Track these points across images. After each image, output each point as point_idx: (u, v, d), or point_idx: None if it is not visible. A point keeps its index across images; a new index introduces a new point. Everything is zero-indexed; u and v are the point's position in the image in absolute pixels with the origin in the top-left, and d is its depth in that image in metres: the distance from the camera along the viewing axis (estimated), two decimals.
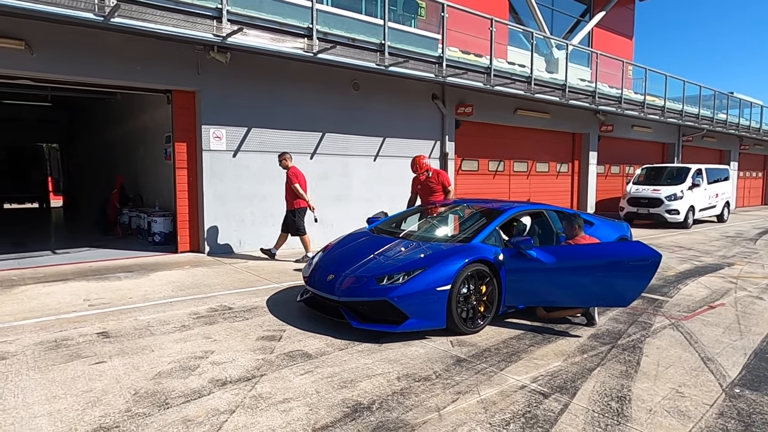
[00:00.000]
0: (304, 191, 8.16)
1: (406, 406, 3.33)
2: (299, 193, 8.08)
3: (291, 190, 8.15)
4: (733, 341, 4.76)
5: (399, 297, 4.50)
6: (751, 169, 26.75)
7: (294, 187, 8.07)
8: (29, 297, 5.88)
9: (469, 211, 6.30)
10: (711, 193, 16.28)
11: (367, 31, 9.53)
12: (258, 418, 3.13)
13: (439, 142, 12.16)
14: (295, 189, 8.07)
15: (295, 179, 8.09)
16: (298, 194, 8.10)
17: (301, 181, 8.16)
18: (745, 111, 23.06)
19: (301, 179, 8.16)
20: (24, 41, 6.97)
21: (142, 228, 10.41)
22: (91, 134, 17.32)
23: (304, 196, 8.13)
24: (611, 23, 19.54)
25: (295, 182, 8.07)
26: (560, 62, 14.98)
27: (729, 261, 9.22)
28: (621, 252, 4.80)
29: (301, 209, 8.20)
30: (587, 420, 3.19)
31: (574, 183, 16.93)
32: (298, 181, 8.10)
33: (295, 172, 8.18)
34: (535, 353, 4.36)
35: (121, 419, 3.09)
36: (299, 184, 8.10)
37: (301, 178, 8.18)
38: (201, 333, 4.71)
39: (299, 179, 8.14)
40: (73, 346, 4.32)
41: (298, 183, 8.09)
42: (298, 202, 8.16)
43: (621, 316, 5.52)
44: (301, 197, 8.12)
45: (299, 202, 8.16)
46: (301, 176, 8.19)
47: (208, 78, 8.59)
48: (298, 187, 8.07)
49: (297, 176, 8.13)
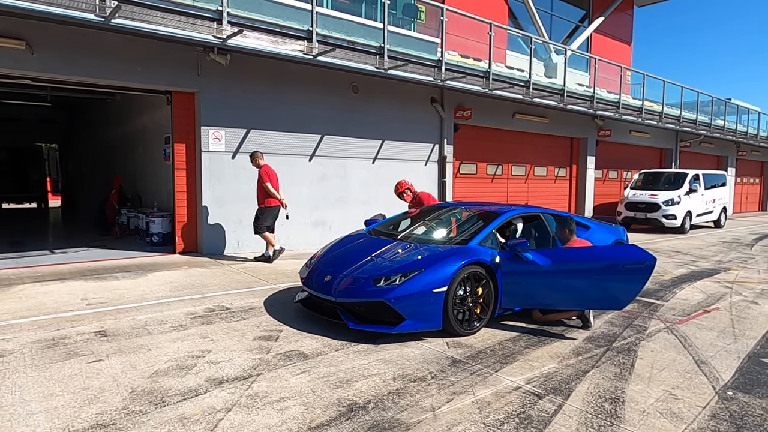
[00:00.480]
0: (276, 190, 8.22)
1: (402, 405, 3.35)
2: (271, 191, 8.13)
3: (263, 189, 8.19)
4: (727, 345, 4.79)
5: (396, 298, 4.52)
6: (748, 175, 26.86)
7: (266, 186, 8.11)
8: (27, 296, 5.89)
9: (466, 213, 6.33)
10: (708, 198, 16.35)
11: (366, 34, 9.58)
12: (254, 416, 3.15)
13: (437, 145, 12.21)
14: (267, 188, 8.12)
15: (267, 178, 8.14)
16: (269, 193, 8.14)
17: (273, 180, 8.21)
18: (743, 117, 23.17)
19: (273, 178, 8.22)
20: (25, 41, 7.00)
21: (141, 228, 10.42)
22: (90, 135, 17.34)
23: (276, 194, 8.18)
24: (610, 29, 19.64)
25: (267, 181, 8.12)
26: (559, 67, 15.05)
27: (725, 266, 9.27)
28: (616, 255, 4.83)
29: (272, 207, 8.23)
30: (581, 421, 3.22)
31: (572, 187, 16.98)
32: (270, 180, 8.15)
33: (267, 170, 8.22)
34: (530, 355, 4.39)
35: (118, 416, 3.11)
36: (271, 182, 8.14)
37: (273, 177, 8.24)
38: (198, 333, 4.73)
39: (271, 178, 8.19)
40: (70, 344, 4.34)
41: (270, 182, 8.13)
42: (269, 201, 8.20)
43: (616, 320, 5.55)
44: (273, 196, 8.17)
45: (270, 201, 8.20)
46: (273, 175, 8.25)
47: (208, 79, 8.63)
48: (269, 186, 8.11)
49: (269, 175, 8.19)
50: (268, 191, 8.12)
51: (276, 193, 8.18)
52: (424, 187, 11.94)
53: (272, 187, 8.13)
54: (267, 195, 8.17)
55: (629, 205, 15.57)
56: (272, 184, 8.15)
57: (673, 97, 18.27)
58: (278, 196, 8.21)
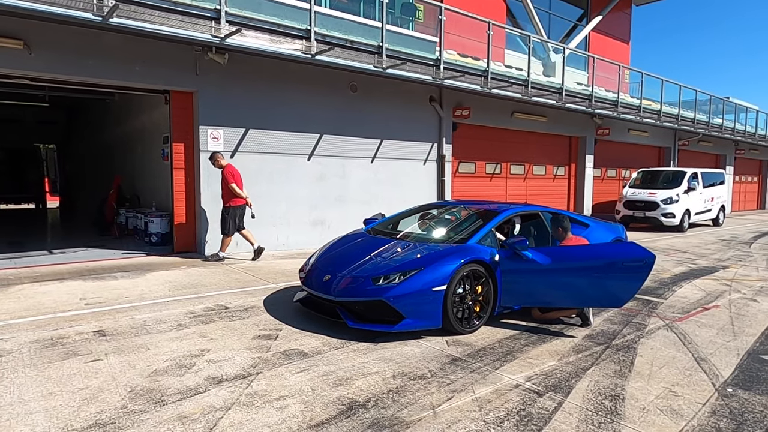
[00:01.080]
0: (241, 189, 8.23)
1: (401, 404, 3.35)
2: (235, 191, 8.13)
3: (228, 189, 8.19)
4: (727, 342, 4.80)
5: (395, 297, 4.52)
6: (747, 174, 26.89)
7: (231, 186, 8.11)
8: (25, 296, 5.87)
9: (465, 212, 6.33)
10: (707, 196, 16.37)
11: (365, 33, 9.57)
12: (253, 415, 3.15)
13: (436, 144, 12.20)
14: (232, 188, 8.12)
15: (231, 178, 8.14)
16: (234, 193, 8.14)
17: (238, 180, 8.22)
18: (741, 116, 23.19)
19: (237, 177, 8.22)
20: (23, 41, 6.98)
21: (139, 228, 10.41)
22: (89, 135, 17.31)
23: (240, 194, 8.19)
24: (608, 27, 19.65)
25: (232, 181, 8.12)
26: (557, 66, 15.06)
27: (724, 264, 9.28)
28: (615, 253, 4.83)
29: (236, 207, 8.23)
30: (581, 418, 3.22)
31: (570, 186, 16.99)
32: (235, 180, 8.15)
33: (231, 170, 8.23)
34: (530, 353, 4.39)
35: (117, 416, 3.10)
36: (236, 183, 8.15)
37: (237, 177, 8.25)
38: (197, 332, 4.72)
39: (236, 178, 8.19)
40: (69, 344, 4.33)
41: (234, 182, 8.13)
42: (234, 201, 8.20)
43: (616, 317, 5.55)
44: (238, 195, 8.18)
45: (236, 201, 8.21)
46: (237, 174, 8.26)
47: (206, 79, 8.61)
48: (234, 187, 8.12)
49: (233, 175, 8.19)
50: (233, 191, 8.13)
51: (241, 192, 8.19)
52: (423, 186, 12.01)
53: (237, 187, 8.15)
54: (232, 195, 8.18)
55: (628, 203, 15.58)
56: (237, 183, 8.17)
57: (672, 96, 18.31)
58: (243, 195, 8.23)
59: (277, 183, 9.62)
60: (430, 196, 12.08)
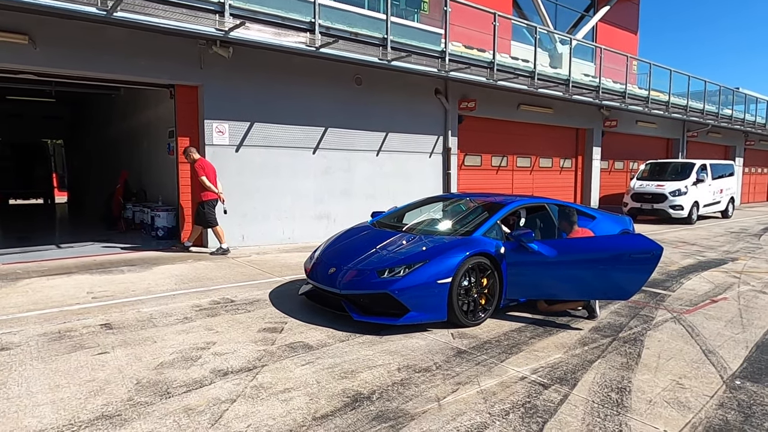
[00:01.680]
0: (214, 183, 8.21)
1: (406, 396, 3.35)
2: (206, 185, 8.11)
3: (199, 183, 8.19)
4: (735, 334, 4.75)
5: (400, 290, 4.51)
6: (756, 165, 26.59)
7: (201, 179, 8.10)
8: (33, 290, 5.92)
9: (471, 204, 6.30)
10: (715, 188, 16.20)
11: (369, 25, 9.52)
12: (258, 407, 3.15)
13: (441, 137, 12.14)
14: (202, 182, 8.10)
15: (202, 172, 8.13)
16: (204, 186, 8.12)
17: (209, 174, 8.20)
18: (751, 106, 22.88)
19: (208, 171, 8.20)
20: (27, 36, 7.00)
21: (146, 222, 10.46)
22: (95, 130, 17.38)
23: (212, 188, 8.17)
24: (616, 18, 19.42)
25: (202, 175, 8.11)
26: (564, 57, 14.91)
27: (733, 256, 9.19)
28: (622, 245, 4.78)
29: (209, 201, 8.22)
30: (587, 410, 3.20)
31: (577, 178, 16.87)
32: (205, 174, 8.14)
33: (202, 164, 8.21)
34: (535, 345, 4.37)
35: (123, 408, 3.12)
36: (206, 176, 8.13)
37: (209, 170, 8.22)
38: (203, 325, 4.73)
39: (206, 171, 8.17)
40: (76, 337, 4.36)
41: (205, 175, 8.12)
42: (206, 195, 8.18)
43: (623, 310, 5.51)
44: (209, 189, 8.16)
45: (207, 195, 8.18)
46: (208, 168, 8.24)
47: (211, 72, 8.61)
48: (204, 180, 8.10)
49: (204, 169, 8.17)
50: (204, 185, 8.12)
51: (212, 186, 8.17)
52: (429, 179, 11.96)
53: (208, 181, 8.13)
54: (203, 189, 8.17)
55: (635, 195, 15.46)
56: (208, 177, 8.16)
57: (680, 87, 18.10)
58: (215, 189, 8.21)
59: (283, 176, 9.62)
60: (435, 189, 12.04)
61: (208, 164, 8.30)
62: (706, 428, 3.01)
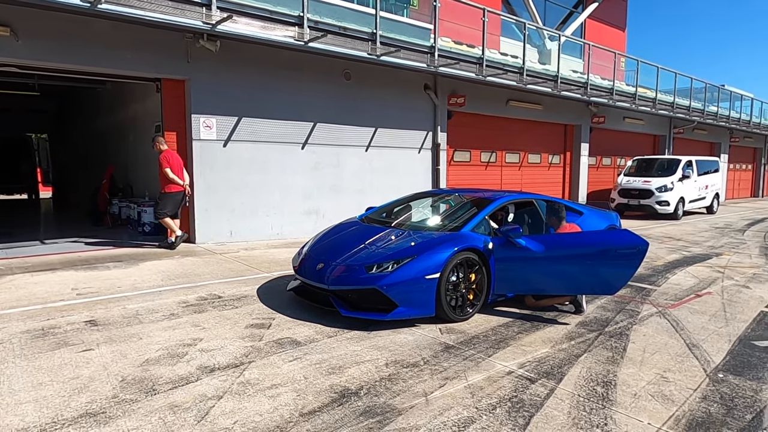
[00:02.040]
0: (179, 175, 8.15)
1: (394, 391, 3.35)
2: (169, 177, 8.04)
3: (163, 174, 8.11)
4: (719, 328, 4.82)
5: (388, 285, 4.50)
6: (741, 162, 26.97)
7: (164, 171, 8.03)
8: (17, 286, 5.83)
9: (459, 200, 6.31)
10: (701, 184, 16.41)
11: (358, 20, 9.46)
12: (245, 403, 3.14)
13: (431, 132, 12.14)
14: (165, 173, 8.03)
15: (166, 163, 8.04)
16: (167, 178, 8.05)
17: (174, 165, 8.11)
18: (736, 104, 23.20)
19: (173, 163, 8.11)
20: (9, 27, 6.85)
21: (132, 218, 10.34)
22: (81, 124, 17.13)
23: (176, 180, 8.09)
24: (604, 15, 19.54)
25: (166, 166, 8.03)
26: (553, 53, 14.99)
27: (717, 251, 9.32)
28: (609, 240, 4.83)
29: (173, 193, 8.15)
30: (572, 404, 3.22)
31: (565, 174, 16.99)
32: (170, 165, 8.05)
33: (167, 156, 8.11)
34: (523, 340, 4.39)
35: (108, 405, 3.08)
36: (171, 168, 8.05)
37: (174, 162, 8.13)
38: (190, 321, 4.70)
39: (171, 163, 8.08)
40: (60, 334, 4.30)
41: (169, 167, 8.04)
42: (170, 186, 8.12)
43: (609, 304, 5.57)
44: (173, 181, 8.09)
45: (171, 187, 8.12)
46: (173, 160, 8.14)
47: (198, 66, 8.51)
48: (168, 172, 8.02)
49: (168, 160, 8.08)
50: (167, 176, 8.04)
51: (176, 178, 8.08)
52: (418, 175, 11.96)
53: (172, 173, 8.03)
54: (167, 181, 8.10)
55: (622, 191, 15.60)
56: (173, 169, 8.06)
57: (667, 84, 18.28)
58: (179, 181, 8.12)
59: (271, 172, 9.56)
60: (425, 184, 12.05)
61: (173, 156, 8.20)
62: (690, 421, 3.06)
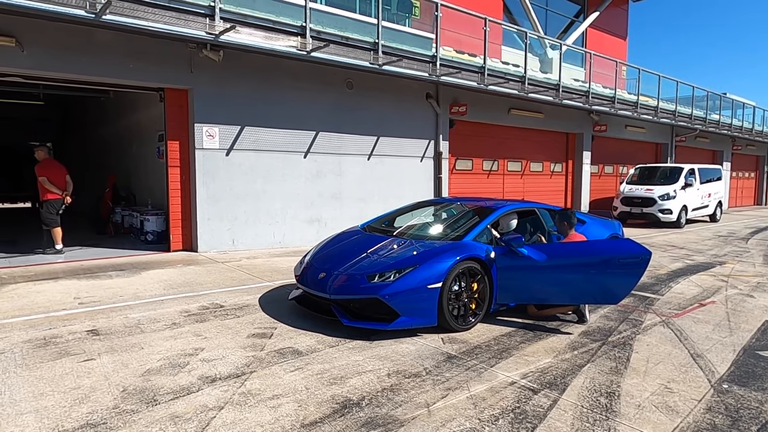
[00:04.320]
0: (58, 183, 8.29)
1: (396, 402, 3.33)
2: (45, 185, 8.23)
3: (41, 183, 8.28)
4: (723, 338, 4.79)
5: (390, 295, 4.49)
6: (743, 170, 26.92)
7: (41, 180, 8.21)
8: (19, 295, 5.84)
9: (461, 209, 6.31)
10: (704, 192, 16.37)
11: (360, 29, 9.53)
12: (246, 414, 3.12)
13: (433, 141, 12.17)
14: (42, 182, 8.22)
15: (44, 172, 8.21)
16: (44, 186, 8.23)
17: (52, 174, 8.29)
18: (738, 112, 23.19)
19: (51, 171, 8.29)
20: (15, 38, 6.92)
21: (135, 227, 10.37)
22: (85, 133, 17.24)
23: (52, 189, 8.25)
24: (605, 24, 19.62)
25: (43, 175, 8.20)
26: (554, 62, 15.03)
27: (721, 260, 9.28)
28: (611, 249, 4.81)
29: (50, 201, 8.28)
30: (576, 415, 3.20)
31: (567, 182, 16.98)
32: (47, 174, 8.23)
33: (46, 164, 8.31)
34: (525, 350, 4.37)
35: (109, 416, 3.07)
36: (47, 177, 8.23)
37: (52, 171, 8.31)
38: (192, 330, 4.69)
39: (48, 172, 8.26)
40: (62, 343, 4.30)
41: (45, 176, 8.22)
42: (49, 194, 8.28)
43: (612, 314, 5.54)
44: (50, 190, 8.25)
45: (49, 195, 8.27)
46: (52, 169, 8.32)
47: (201, 76, 8.56)
48: (45, 180, 8.21)
49: (45, 169, 8.26)
50: (43, 185, 8.23)
51: (52, 186, 8.26)
52: (420, 183, 11.96)
53: (49, 182, 8.23)
54: (46, 189, 8.27)
55: (625, 200, 15.58)
56: (51, 177, 8.25)
57: (669, 92, 18.30)
58: (54, 190, 8.29)
59: (273, 180, 9.58)
60: (427, 193, 12.05)
61: (54, 164, 8.41)
62: None
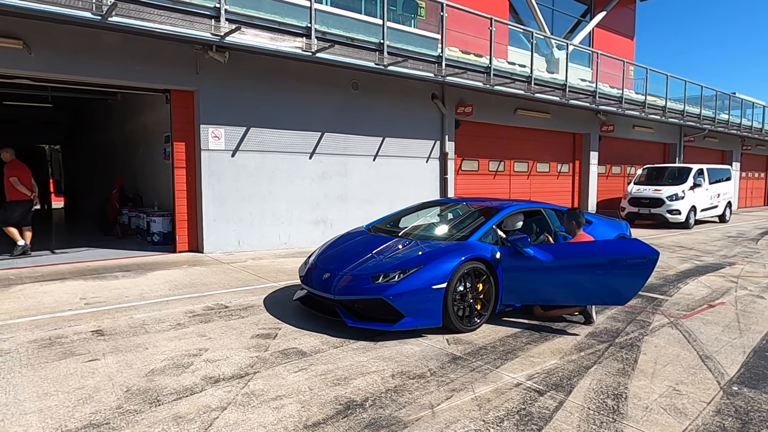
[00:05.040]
0: (25, 184, 8.35)
1: (400, 403, 3.30)
2: (16, 186, 8.28)
3: (9, 184, 8.32)
4: (732, 339, 4.72)
5: (394, 295, 4.47)
6: (753, 170, 26.64)
7: (11, 180, 8.26)
8: (26, 296, 5.87)
9: (467, 209, 6.27)
10: (713, 193, 16.21)
11: (366, 30, 9.52)
12: (249, 415, 3.11)
13: (438, 141, 12.13)
14: (12, 182, 8.27)
15: (12, 173, 8.29)
16: (14, 187, 8.28)
17: (21, 174, 8.35)
18: (748, 111, 22.95)
19: (19, 172, 8.35)
20: (22, 41, 6.98)
21: (142, 228, 10.41)
22: (92, 135, 17.36)
23: (22, 190, 8.32)
24: (612, 23, 19.51)
25: (12, 176, 8.27)
26: (561, 62, 14.95)
27: (730, 260, 9.17)
28: (618, 250, 4.76)
29: (19, 202, 8.34)
30: (582, 417, 3.16)
31: (574, 183, 16.88)
32: (17, 175, 8.30)
33: (14, 165, 8.38)
34: (531, 351, 4.33)
35: (112, 416, 3.07)
36: (19, 177, 8.30)
37: (20, 172, 8.37)
38: (196, 331, 4.69)
39: (17, 173, 8.33)
40: (67, 343, 4.31)
41: (16, 177, 8.28)
42: (17, 195, 8.34)
43: (619, 315, 5.48)
44: (20, 190, 8.32)
45: (16, 195, 8.33)
46: (19, 170, 8.38)
47: (207, 77, 8.59)
48: (15, 181, 8.26)
49: (13, 170, 8.33)
50: (14, 186, 8.28)
51: (22, 187, 8.31)
52: (426, 184, 11.93)
53: (18, 182, 8.28)
54: (14, 189, 8.32)
55: (633, 200, 15.46)
56: (20, 178, 8.31)
57: (677, 92, 18.14)
58: (23, 190, 8.33)
59: (279, 182, 9.59)
60: (433, 194, 12.01)
61: (21, 165, 8.47)
62: None
